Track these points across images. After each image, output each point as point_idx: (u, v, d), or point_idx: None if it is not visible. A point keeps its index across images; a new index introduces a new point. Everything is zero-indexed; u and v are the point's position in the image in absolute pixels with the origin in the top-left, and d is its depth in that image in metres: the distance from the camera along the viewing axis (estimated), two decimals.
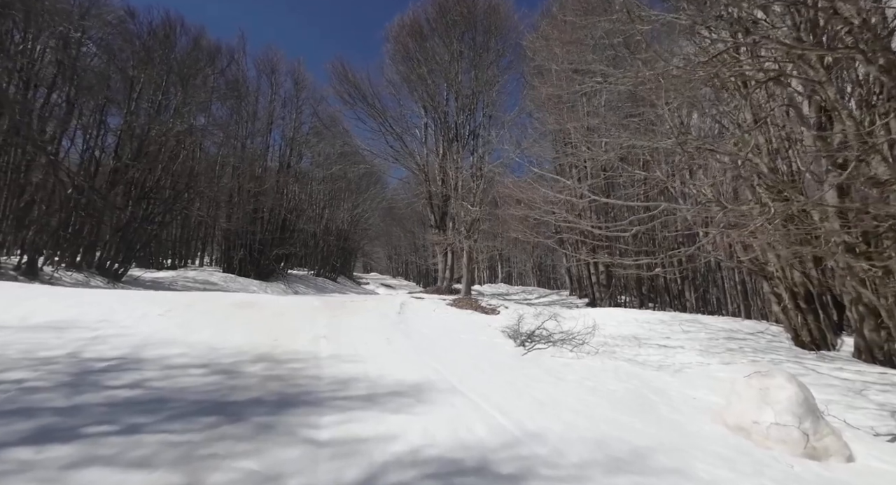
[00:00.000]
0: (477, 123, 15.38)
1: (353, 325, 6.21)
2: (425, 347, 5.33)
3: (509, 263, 38.10)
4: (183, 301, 5.69)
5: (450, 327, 8.23)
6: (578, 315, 10.59)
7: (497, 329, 8.88)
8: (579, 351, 6.74)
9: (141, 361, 3.11)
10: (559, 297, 18.60)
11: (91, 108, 12.92)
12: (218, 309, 5.54)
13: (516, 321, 9.10)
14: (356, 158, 17.46)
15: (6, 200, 11.58)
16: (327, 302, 8.64)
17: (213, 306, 5.66)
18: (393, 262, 53.00)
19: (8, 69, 11.40)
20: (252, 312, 5.75)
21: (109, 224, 12.57)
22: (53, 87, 12.44)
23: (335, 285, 23.16)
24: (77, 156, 12.82)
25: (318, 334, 5.07)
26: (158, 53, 14.47)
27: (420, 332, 6.91)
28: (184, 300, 5.76)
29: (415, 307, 11.04)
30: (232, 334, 4.36)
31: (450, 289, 16.39)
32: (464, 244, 14.44)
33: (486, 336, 7.52)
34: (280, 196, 20.19)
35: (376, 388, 3.17)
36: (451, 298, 12.94)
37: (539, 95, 10.16)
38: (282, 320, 5.51)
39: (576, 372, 5.05)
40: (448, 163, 15.76)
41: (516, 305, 12.24)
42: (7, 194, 11.51)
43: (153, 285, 13.67)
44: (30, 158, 11.87)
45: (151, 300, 5.51)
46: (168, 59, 14.54)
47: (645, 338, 8.60)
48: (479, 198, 14.58)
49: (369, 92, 15.51)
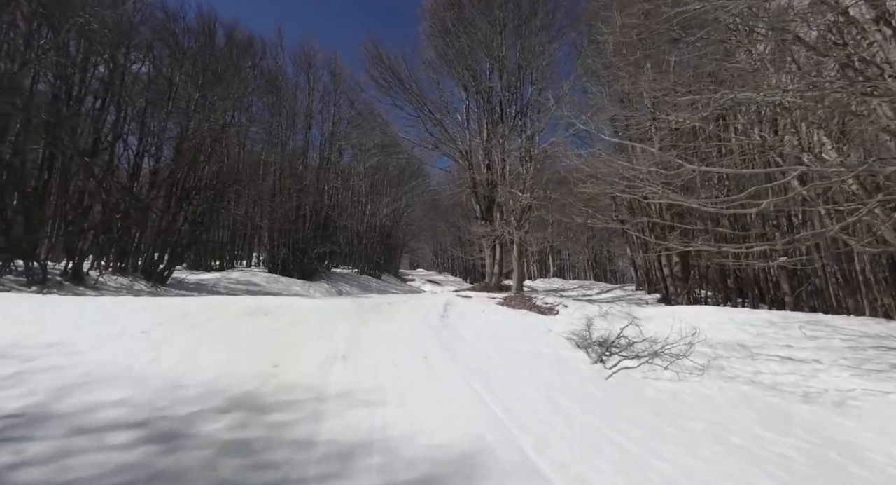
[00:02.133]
0: (525, 101, 13.72)
1: (383, 335, 5.01)
2: (474, 367, 4.01)
3: (560, 256, 35.76)
4: (185, 310, 4.78)
5: (502, 334, 6.83)
6: (656, 315, 8.80)
7: (560, 335, 7.35)
8: (678, 368, 5.10)
9: (47, 418, 2.07)
10: (624, 292, 16.49)
11: (132, 112, 12.84)
12: (221, 319, 4.56)
13: (584, 325, 7.52)
14: (395, 148, 16.44)
15: (56, 206, 11.68)
16: (360, 304, 7.55)
17: (218, 316, 4.69)
18: (438, 257, 52.20)
19: (64, 79, 11.51)
20: (262, 322, 4.71)
21: (147, 226, 12.42)
22: (107, 96, 12.48)
23: (379, 283, 22.47)
24: (122, 161, 12.78)
25: (336, 352, 3.89)
26: (195, 51, 14.22)
27: (467, 342, 5.59)
28: (187, 309, 4.85)
29: (461, 308, 9.73)
30: (216, 359, 3.29)
31: (499, 286, 14.93)
32: (514, 236, 12.90)
33: (549, 347, 6.05)
34: (321, 193, 19.70)
35: (396, 468, 1.89)
36: (501, 297, 11.48)
37: (603, 55, 8.41)
38: (295, 332, 4.41)
39: (694, 409, 3.48)
40: (493, 147, 14.27)
41: (576, 303, 10.56)
42: (56, 201, 11.59)
43: (196, 288, 13.48)
44: (77, 164, 11.93)
45: (147, 310, 4.64)
46: (205, 55, 14.26)
47: (755, 346, 6.69)
48: (530, 183, 12.96)
49: (405, 75, 14.35)
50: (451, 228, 40.15)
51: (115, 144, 12.45)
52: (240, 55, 14.83)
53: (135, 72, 13.25)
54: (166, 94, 13.54)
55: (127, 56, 12.87)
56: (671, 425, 3.05)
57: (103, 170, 11.86)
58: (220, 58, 13.85)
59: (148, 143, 13.66)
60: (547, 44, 12.96)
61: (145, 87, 13.40)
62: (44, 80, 11.45)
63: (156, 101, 13.49)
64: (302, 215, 18.46)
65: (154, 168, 12.69)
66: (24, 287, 9.63)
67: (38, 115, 10.28)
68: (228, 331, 4.14)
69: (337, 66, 20.02)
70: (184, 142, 13.38)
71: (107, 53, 12.31)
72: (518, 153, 13.47)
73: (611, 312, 9.83)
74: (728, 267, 12.65)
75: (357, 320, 5.84)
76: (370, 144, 20.27)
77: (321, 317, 5.56)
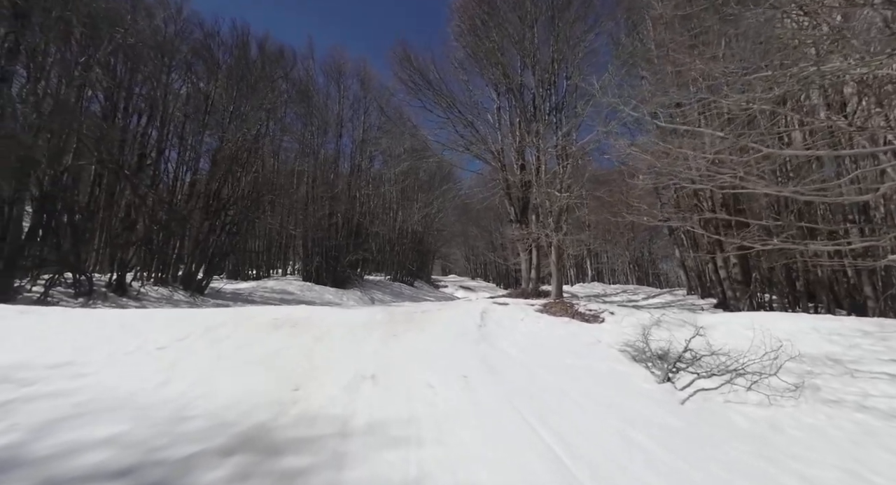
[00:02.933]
0: (560, 96, 13.01)
1: (417, 349, 4.54)
2: (522, 389, 3.45)
3: (598, 260, 34.23)
4: (209, 323, 4.50)
5: (548, 346, 6.19)
6: (719, 322, 7.86)
7: (611, 347, 6.61)
8: (765, 388, 4.30)
9: (15, 465, 1.71)
10: (674, 297, 15.27)
11: (172, 128, 13.24)
12: (244, 334, 4.24)
13: (639, 335, 6.75)
14: (425, 152, 16.13)
15: (102, 220, 12.11)
16: (392, 314, 7.13)
17: (241, 330, 4.38)
18: (471, 263, 51.58)
19: (110, 98, 12.04)
20: (287, 336, 4.35)
21: (185, 237, 12.66)
22: (151, 113, 12.96)
23: (412, 290, 22.16)
24: (163, 175, 13.18)
25: (364, 372, 3.44)
26: (230, 65, 14.55)
27: (509, 356, 5.02)
28: (211, 322, 4.58)
29: (498, 316, 9.13)
30: (232, 381, 2.92)
31: (536, 291, 14.18)
32: (551, 239, 12.17)
33: (602, 361, 5.35)
34: (352, 200, 19.70)
35: None
36: (539, 303, 10.78)
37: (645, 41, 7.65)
38: (321, 348, 4.01)
39: (809, 448, 2.75)
40: (527, 145, 13.64)
41: (623, 310, 9.71)
42: (102, 215, 12.02)
43: (233, 297, 13.62)
44: (122, 180, 12.37)
45: (170, 324, 4.39)
46: (239, 68, 14.56)
47: (850, 360, 5.70)
48: (568, 182, 12.21)
49: (434, 77, 14.01)
50: (483, 233, 39.53)
51: (158, 159, 12.90)
52: (271, 66, 15.05)
53: (176, 90, 13.71)
54: (202, 108, 13.91)
55: (168, 74, 13.36)
56: (787, 472, 2.36)
57: (145, 184, 12.27)
58: (253, 69, 14.06)
59: (187, 156, 14.09)
60: (583, 34, 12.22)
61: (184, 103, 13.84)
62: (94, 99, 12.05)
63: (193, 115, 13.89)
64: (334, 223, 18.49)
65: (192, 180, 12.98)
66: (72, 299, 9.96)
67: (86, 133, 10.73)
68: (250, 347, 3.80)
69: (366, 73, 20.11)
70: (219, 153, 13.66)
71: (149, 71, 12.82)
72: (554, 151, 12.75)
73: (664, 320, 8.92)
74: (796, 268, 11.34)
75: (388, 332, 5.40)
76: (400, 149, 20.13)
77: (350, 329, 5.16)
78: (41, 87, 9.06)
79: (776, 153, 3.93)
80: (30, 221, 9.88)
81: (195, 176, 12.86)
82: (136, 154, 12.63)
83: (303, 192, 19.20)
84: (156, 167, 12.91)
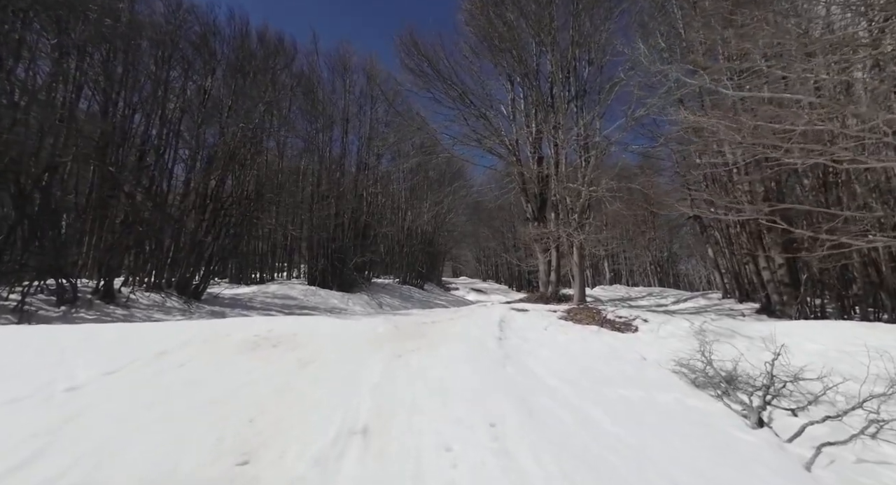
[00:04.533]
0: (582, 81, 11.89)
1: (427, 378, 3.52)
2: (580, 448, 2.41)
3: (616, 261, 32.83)
4: (164, 347, 3.55)
5: (587, 367, 5.10)
6: (777, 333, 6.69)
7: (661, 366, 5.50)
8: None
9: None
10: (708, 301, 14.00)
11: (168, 124, 12.43)
12: (208, 359, 3.28)
13: (693, 350, 5.65)
14: (434, 147, 15.14)
15: (92, 222, 11.35)
16: (398, 326, 6.12)
17: (206, 353, 3.43)
18: (482, 264, 50.48)
19: (105, 94, 11.32)
20: (263, 361, 3.38)
21: (179, 239, 11.84)
22: (148, 109, 12.21)
23: (422, 294, 21.16)
24: (156, 173, 12.36)
25: (353, 423, 2.44)
26: (229, 57, 13.77)
27: (546, 385, 3.97)
28: (168, 344, 3.63)
29: (518, 325, 8.05)
30: (145, 450, 1.94)
31: (556, 295, 13.06)
32: (574, 238, 11.06)
33: (664, 391, 4.25)
34: (359, 199, 18.79)
35: None
36: (562, 309, 9.69)
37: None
38: (300, 381, 3.02)
39: None
40: (545, 138, 12.58)
41: (656, 317, 8.56)
42: (92, 216, 11.26)
43: (231, 303, 12.77)
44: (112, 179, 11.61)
45: (113, 347, 3.43)
46: (239, 60, 13.77)
47: None
48: (592, 176, 11.10)
49: (445, 65, 13.02)
50: (494, 234, 38.42)
51: (156, 158, 12.10)
52: (271, 57, 14.21)
53: (172, 83, 12.93)
54: (200, 102, 13.13)
55: (166, 69, 12.59)
56: None
57: (143, 185, 11.49)
58: (252, 60, 13.23)
59: (184, 153, 13.30)
60: (609, 10, 11.09)
61: (181, 97, 13.05)
62: (84, 94, 11.33)
63: (190, 111, 13.09)
64: (340, 224, 17.59)
65: (187, 178, 12.18)
66: (54, 307, 9.17)
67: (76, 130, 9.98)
68: (204, 384, 2.84)
69: (373, 68, 19.19)
70: (217, 150, 12.85)
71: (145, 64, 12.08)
72: (576, 142, 11.65)
73: (707, 329, 7.77)
74: (853, 269, 10.03)
75: (391, 352, 4.38)
76: (408, 146, 19.19)
77: (345, 349, 4.15)
78: (15, 78, 8.31)
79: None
80: (9, 223, 9.15)
81: (189, 174, 12.04)
82: (133, 152, 11.88)
83: (308, 191, 18.36)
84: (154, 166, 12.12)
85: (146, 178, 11.61)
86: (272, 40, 14.81)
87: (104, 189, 11.25)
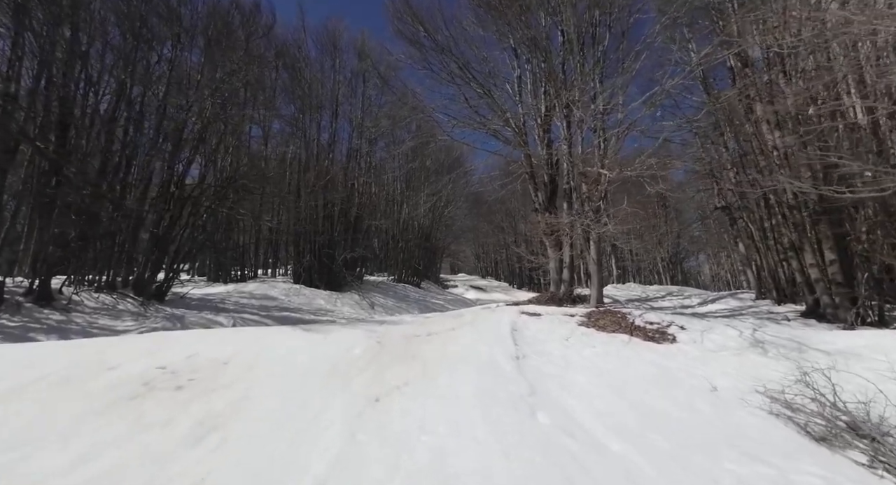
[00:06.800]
0: (601, 51, 10.33)
1: (416, 451, 2.02)
2: None
3: (622, 258, 31.34)
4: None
5: (637, 401, 3.58)
6: (863, 344, 5.28)
7: (746, 401, 3.86)
8: None
9: None
10: (740, 302, 12.52)
11: (125, 103, 10.73)
12: (35, 421, 1.76)
13: (798, 381, 4.18)
14: (432, 132, 13.57)
15: (31, 212, 9.76)
16: (382, 343, 4.60)
17: (47, 407, 1.92)
18: (481, 261, 49.03)
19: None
20: (133, 427, 1.87)
21: (136, 232, 10.28)
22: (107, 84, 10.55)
23: (418, 293, 19.64)
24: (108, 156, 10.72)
25: None
26: (197, 25, 12.12)
27: (601, 446, 2.47)
28: (7, 384, 2.09)
29: (534, 335, 6.51)
30: None
31: (570, 296, 11.53)
32: (591, 230, 9.56)
33: (789, 460, 2.71)
34: (350, 189, 17.20)
35: None
36: (580, 313, 8.15)
37: None
38: (196, 463, 1.48)
39: None
40: (557, 115, 11.03)
41: (694, 323, 7.03)
42: (32, 205, 9.67)
43: (199, 305, 11.22)
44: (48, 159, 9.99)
45: None
46: (210, 28, 12.13)
47: None
48: (614, 158, 9.60)
49: (443, 35, 11.43)
50: (494, 230, 36.94)
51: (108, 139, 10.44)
52: (246, 22, 12.59)
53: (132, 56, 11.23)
54: (165, 77, 11.48)
55: (128, 39, 10.91)
56: None
57: (78, 167, 9.88)
58: (226, 25, 11.59)
59: (149, 133, 11.63)
60: None
61: (142, 73, 11.34)
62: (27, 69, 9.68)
63: (145, 82, 11.28)
64: (328, 216, 16.02)
65: (146, 161, 10.58)
66: None
67: None
68: None
69: (364, 46, 17.54)
70: (183, 131, 11.25)
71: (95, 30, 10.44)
72: (593, 120, 10.10)
73: (764, 339, 6.28)
74: None
75: (367, 390, 2.87)
76: (403, 132, 17.61)
77: (293, 389, 2.64)
78: None
79: None
80: None
81: (147, 156, 10.44)
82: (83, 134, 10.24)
83: (293, 180, 16.77)
84: (105, 149, 10.48)
85: (97, 161, 10.02)
86: (247, 5, 13.17)
87: (48, 175, 9.64)
